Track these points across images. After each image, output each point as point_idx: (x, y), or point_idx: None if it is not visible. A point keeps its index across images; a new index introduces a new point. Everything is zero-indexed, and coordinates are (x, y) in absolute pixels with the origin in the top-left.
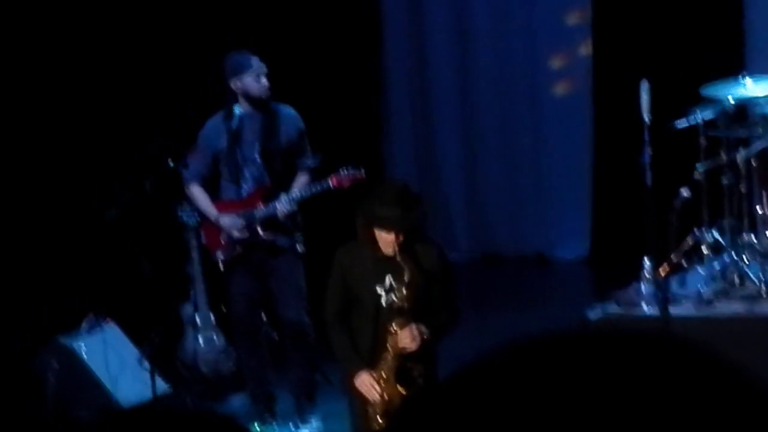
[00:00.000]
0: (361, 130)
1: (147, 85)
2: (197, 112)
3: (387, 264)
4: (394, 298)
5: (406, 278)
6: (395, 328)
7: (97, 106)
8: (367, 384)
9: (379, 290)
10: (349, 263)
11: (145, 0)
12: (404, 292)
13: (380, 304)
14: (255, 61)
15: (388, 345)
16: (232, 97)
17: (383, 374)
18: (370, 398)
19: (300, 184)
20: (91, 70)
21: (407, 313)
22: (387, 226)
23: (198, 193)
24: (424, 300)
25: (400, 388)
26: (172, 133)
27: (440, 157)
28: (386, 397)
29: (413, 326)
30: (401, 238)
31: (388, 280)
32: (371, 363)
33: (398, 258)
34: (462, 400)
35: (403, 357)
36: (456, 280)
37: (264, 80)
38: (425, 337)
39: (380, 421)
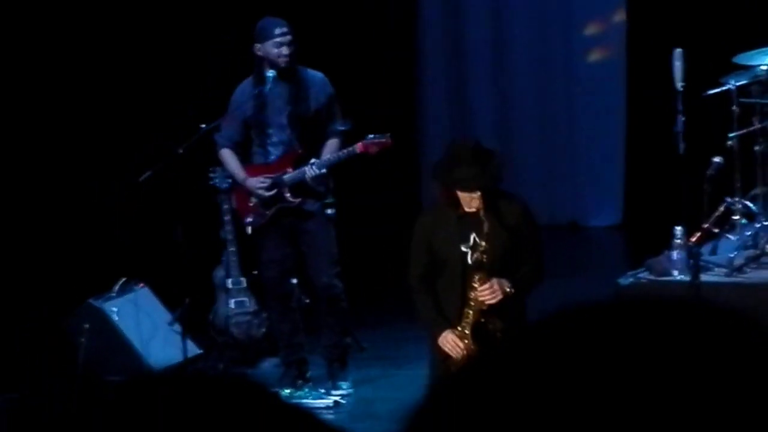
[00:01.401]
0: (395, 96)
1: (181, 48)
2: (232, 76)
3: (470, 222)
4: (477, 255)
5: (485, 231)
6: (476, 283)
7: (131, 71)
8: (451, 341)
9: (464, 249)
10: (431, 226)
11: None
12: (484, 245)
13: (466, 262)
14: (279, 29)
15: (469, 300)
16: (262, 62)
17: (465, 330)
18: (453, 355)
19: (330, 149)
20: (126, 36)
21: (488, 267)
22: (467, 187)
23: (228, 157)
24: (507, 255)
25: (476, 344)
26: (205, 97)
27: (474, 124)
28: (467, 352)
29: (494, 280)
30: (483, 194)
31: (473, 237)
32: (461, 324)
33: (481, 214)
34: (506, 370)
35: (483, 312)
36: (541, 236)
37: (285, 50)
38: (508, 291)
39: None
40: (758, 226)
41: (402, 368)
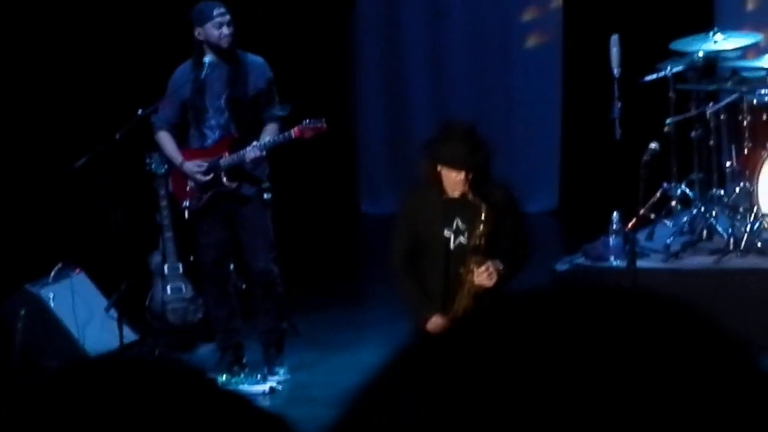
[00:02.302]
0: (330, 82)
1: (116, 32)
2: (168, 60)
3: (454, 206)
4: (463, 240)
5: (483, 215)
6: (473, 266)
7: (65, 56)
8: (442, 326)
9: (447, 233)
10: (414, 208)
11: None
12: (481, 228)
13: (449, 247)
14: (217, 11)
15: (464, 283)
16: (202, 46)
17: (461, 313)
18: None
19: (268, 134)
20: (61, 21)
21: (481, 250)
22: (455, 165)
23: (165, 140)
24: (495, 240)
25: None
26: (142, 81)
27: (410, 109)
28: None
29: (490, 263)
30: (470, 177)
31: (456, 222)
32: (442, 307)
33: (470, 197)
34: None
35: (478, 295)
36: (526, 221)
37: (225, 30)
38: (501, 273)
39: None
40: (695, 211)
41: (339, 353)
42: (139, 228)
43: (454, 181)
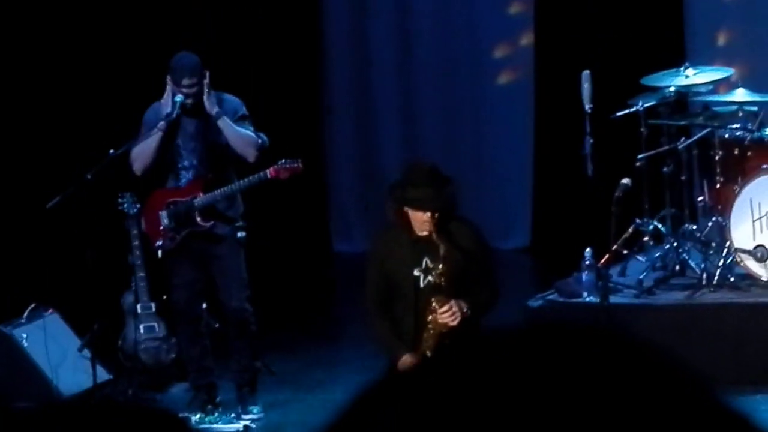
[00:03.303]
0: (302, 122)
1: (88, 73)
2: (140, 100)
3: (423, 246)
4: (431, 279)
5: (441, 253)
6: (435, 305)
7: (37, 96)
8: (410, 365)
9: (417, 272)
10: (384, 250)
11: None
12: (440, 268)
13: (419, 286)
14: (186, 80)
15: (428, 323)
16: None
17: (427, 353)
18: None
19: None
20: (33, 59)
21: (446, 290)
22: (421, 206)
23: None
24: (462, 279)
25: None
26: (114, 121)
27: (381, 147)
28: None
29: (453, 302)
30: (436, 217)
31: (425, 261)
32: (414, 347)
33: (434, 237)
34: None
35: (443, 335)
36: (494, 259)
37: (190, 100)
38: (465, 313)
39: None
40: (667, 247)
41: (312, 392)
42: (112, 268)
43: (420, 221)
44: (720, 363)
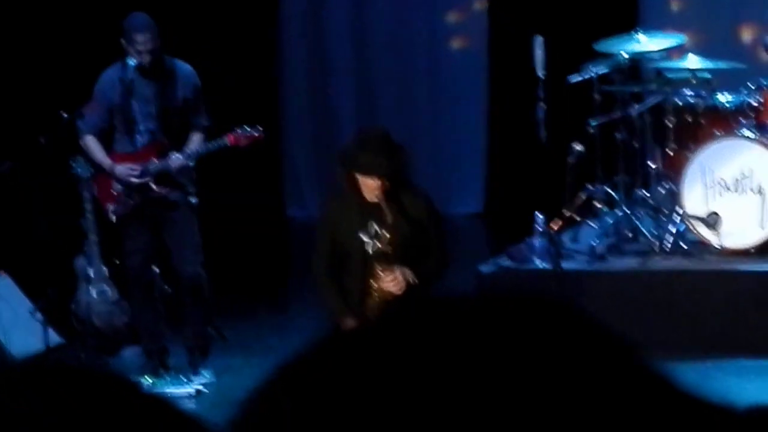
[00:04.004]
0: (257, 88)
1: (42, 36)
2: (94, 63)
3: (371, 211)
4: (379, 245)
5: (389, 221)
6: (380, 272)
7: None
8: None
9: (364, 237)
10: (334, 215)
11: None
12: (388, 236)
13: (367, 253)
14: (141, 37)
15: (373, 290)
16: (128, 51)
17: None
18: None
19: (193, 143)
20: None
21: (391, 257)
22: (370, 172)
23: (92, 144)
24: (410, 247)
25: None
26: (66, 85)
27: (335, 113)
28: None
29: (398, 270)
30: (385, 184)
31: (373, 227)
32: (360, 312)
33: (383, 204)
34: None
35: (387, 302)
36: (444, 228)
37: (145, 56)
38: (411, 281)
39: None
40: (620, 213)
41: (264, 357)
42: (64, 232)
43: (370, 187)
44: (672, 330)
